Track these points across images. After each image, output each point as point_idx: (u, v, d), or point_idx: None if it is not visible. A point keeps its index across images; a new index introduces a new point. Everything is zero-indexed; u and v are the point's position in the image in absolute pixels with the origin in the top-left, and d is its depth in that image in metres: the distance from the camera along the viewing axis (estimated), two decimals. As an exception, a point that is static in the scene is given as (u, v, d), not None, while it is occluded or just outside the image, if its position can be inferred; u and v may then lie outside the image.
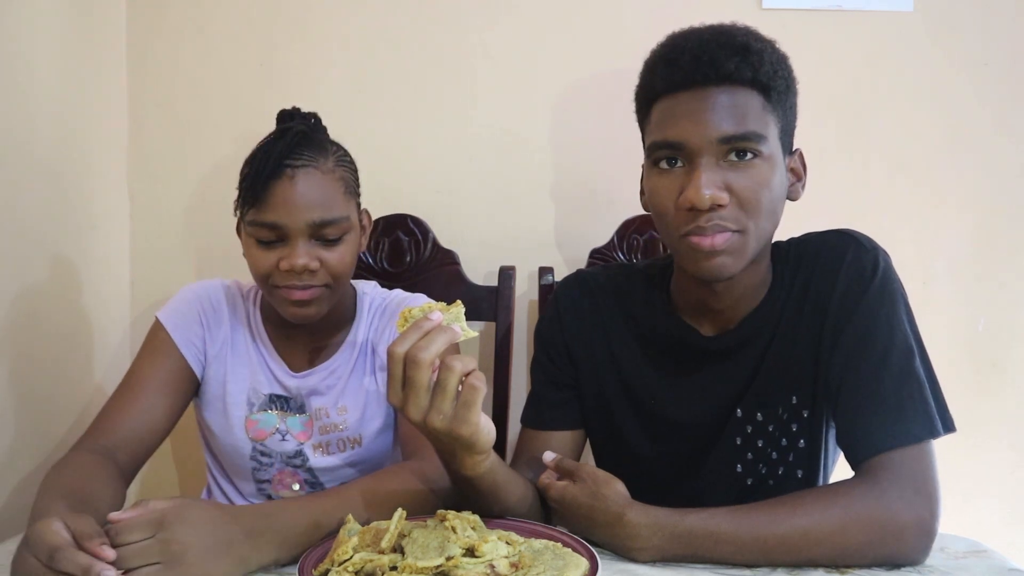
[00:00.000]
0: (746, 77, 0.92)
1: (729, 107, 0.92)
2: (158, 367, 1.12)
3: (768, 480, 1.03)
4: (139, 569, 0.74)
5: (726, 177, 0.92)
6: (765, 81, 0.93)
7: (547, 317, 1.15)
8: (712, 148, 0.92)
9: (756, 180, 0.92)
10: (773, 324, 1.01)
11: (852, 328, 0.95)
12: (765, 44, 0.96)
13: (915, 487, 0.87)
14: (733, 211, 0.92)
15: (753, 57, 0.93)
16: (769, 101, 0.94)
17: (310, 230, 1.05)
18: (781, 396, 1.01)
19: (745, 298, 1.02)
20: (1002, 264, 1.54)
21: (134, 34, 1.52)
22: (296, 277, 1.05)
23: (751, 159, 0.92)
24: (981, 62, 1.51)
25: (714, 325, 1.04)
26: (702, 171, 0.91)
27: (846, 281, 0.97)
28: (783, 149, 0.97)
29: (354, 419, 1.16)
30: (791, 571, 0.85)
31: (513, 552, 0.80)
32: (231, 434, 1.16)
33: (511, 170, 1.54)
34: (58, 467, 0.98)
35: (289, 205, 1.04)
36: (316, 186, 1.06)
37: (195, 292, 1.19)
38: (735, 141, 0.91)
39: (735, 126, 0.91)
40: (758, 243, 0.95)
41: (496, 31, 1.52)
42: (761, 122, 0.93)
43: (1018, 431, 1.56)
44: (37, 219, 1.27)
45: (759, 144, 0.92)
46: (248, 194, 1.06)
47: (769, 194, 0.93)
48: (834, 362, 0.96)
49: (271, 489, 1.19)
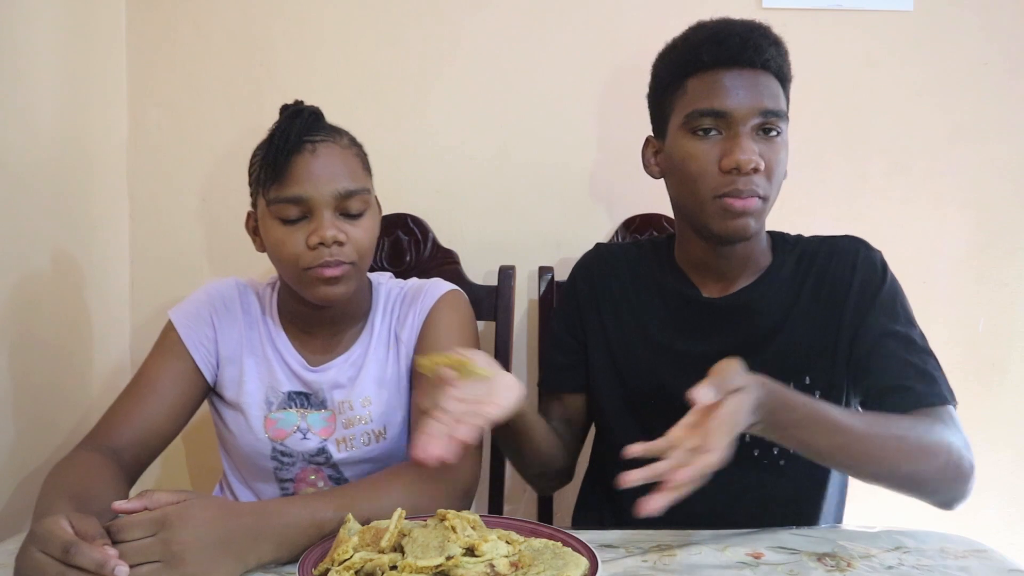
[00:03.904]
0: (775, 66, 1.07)
1: (766, 87, 1.06)
2: (167, 368, 1.12)
3: (773, 449, 1.07)
4: (139, 567, 0.74)
5: (760, 147, 1.04)
6: (785, 73, 1.09)
7: (563, 286, 1.29)
8: (752, 119, 1.04)
9: (779, 154, 1.06)
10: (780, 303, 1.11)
11: (876, 313, 1.07)
12: (782, 42, 1.10)
13: (965, 441, 0.98)
14: (762, 179, 1.04)
15: (782, 50, 1.09)
16: (784, 91, 1.09)
17: (335, 201, 1.05)
18: (793, 374, 1.07)
19: (743, 267, 1.12)
20: (1002, 264, 1.54)
21: (134, 34, 1.52)
22: (326, 252, 1.04)
23: (775, 136, 1.05)
24: (981, 62, 1.51)
25: (715, 289, 1.14)
26: (745, 139, 1.03)
27: (862, 275, 1.09)
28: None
29: (378, 411, 1.15)
30: (818, 559, 0.86)
31: (513, 551, 0.80)
32: (250, 435, 1.14)
33: (511, 170, 1.54)
34: (62, 465, 0.98)
35: (313, 177, 1.04)
36: (337, 158, 1.07)
37: (208, 292, 1.18)
38: (771, 116, 1.04)
39: (773, 103, 1.05)
40: (767, 213, 1.08)
41: (496, 31, 1.52)
42: (785, 105, 1.08)
43: (1018, 431, 1.56)
44: (37, 219, 1.27)
45: (783, 123, 1.06)
46: (269, 171, 1.05)
47: (783, 169, 1.07)
48: (864, 340, 1.06)
49: (294, 488, 1.17)
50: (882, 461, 0.92)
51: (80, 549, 0.72)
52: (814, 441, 0.90)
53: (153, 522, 0.77)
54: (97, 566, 0.71)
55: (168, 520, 0.77)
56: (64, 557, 0.72)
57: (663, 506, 0.74)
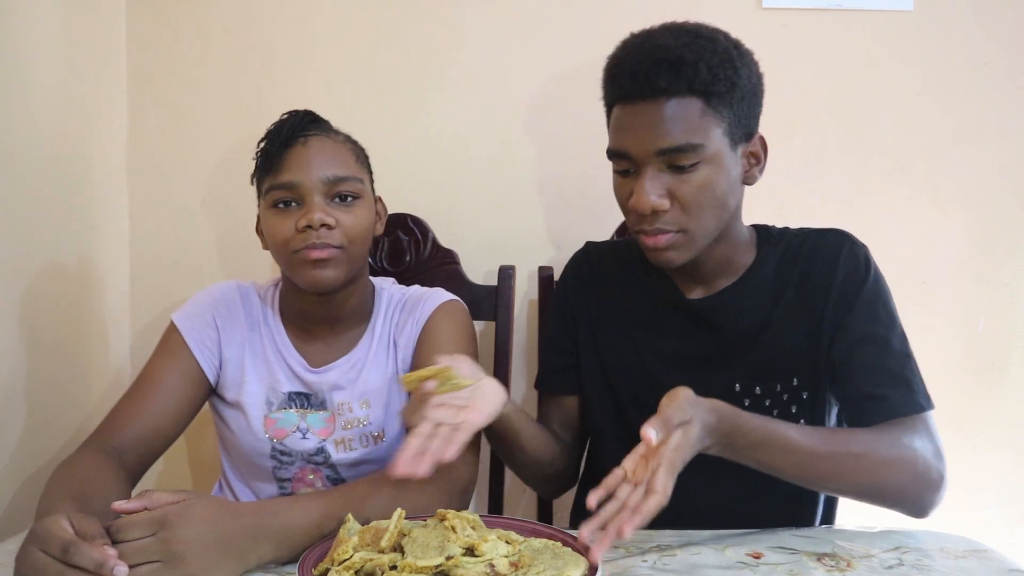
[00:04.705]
0: (681, 89, 0.97)
1: (666, 120, 0.97)
2: (171, 369, 1.13)
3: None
4: (139, 567, 0.74)
5: (669, 183, 0.99)
6: (703, 88, 0.97)
7: (556, 286, 1.28)
8: (652, 159, 0.99)
9: (698, 185, 0.99)
10: (763, 303, 1.08)
11: (855, 314, 1.04)
12: (703, 49, 0.98)
13: (936, 449, 0.98)
14: (675, 215, 1.00)
15: (687, 69, 0.97)
16: (710, 105, 0.98)
17: (324, 187, 1.09)
18: (780, 376, 1.07)
19: (722, 268, 1.10)
20: (1002, 264, 1.54)
21: (134, 34, 1.52)
22: (314, 235, 1.07)
23: (693, 165, 0.98)
24: (981, 62, 1.51)
25: (697, 291, 1.13)
26: (645, 180, 0.99)
27: (844, 273, 1.06)
28: (734, 142, 1.01)
29: (377, 413, 1.16)
30: (818, 559, 0.86)
31: (513, 551, 0.80)
32: (250, 434, 1.16)
33: (511, 170, 1.54)
34: (65, 465, 0.98)
35: (303, 164, 1.09)
36: (328, 148, 1.11)
37: (210, 294, 1.19)
38: (671, 154, 0.98)
39: (671, 139, 0.97)
40: (706, 236, 1.03)
41: (496, 31, 1.52)
42: (699, 130, 0.98)
43: (1018, 431, 1.56)
44: (37, 219, 1.27)
45: (697, 152, 0.98)
46: (264, 162, 1.10)
47: (713, 194, 1.00)
48: (841, 344, 1.04)
49: (292, 488, 1.18)
50: (841, 477, 0.95)
51: (80, 549, 0.72)
52: (771, 461, 0.93)
53: (153, 522, 0.77)
54: (96, 566, 0.71)
55: (168, 520, 0.77)
56: (64, 556, 0.72)
57: (605, 550, 0.80)
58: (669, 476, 0.81)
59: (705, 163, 0.99)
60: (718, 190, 1.00)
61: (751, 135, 1.04)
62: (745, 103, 1.01)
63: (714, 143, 0.99)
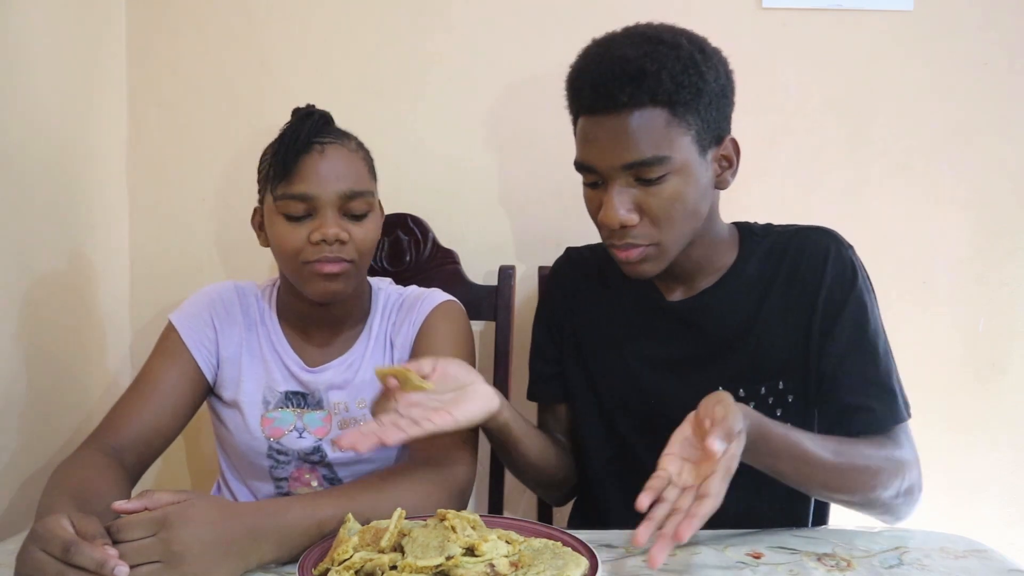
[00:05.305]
0: (644, 100, 0.94)
1: (631, 133, 0.94)
2: (169, 369, 1.13)
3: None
4: (139, 567, 0.74)
5: (637, 197, 0.97)
6: (666, 98, 0.94)
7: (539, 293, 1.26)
8: (618, 173, 0.96)
9: (667, 197, 0.97)
10: (747, 303, 1.07)
11: (843, 321, 1.03)
12: (665, 58, 0.95)
13: (915, 458, 1.01)
14: (645, 228, 0.98)
15: (649, 80, 0.93)
16: (676, 114, 0.95)
17: (339, 201, 1.08)
18: (765, 378, 1.07)
19: (701, 269, 1.09)
20: (1002, 264, 1.54)
21: (134, 34, 1.52)
22: (327, 249, 1.06)
23: (660, 177, 0.96)
24: (981, 62, 1.50)
25: (678, 292, 1.12)
26: (612, 195, 0.97)
27: (832, 277, 1.04)
28: (703, 148, 0.99)
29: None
30: (818, 559, 0.86)
31: (513, 551, 0.80)
32: (247, 433, 1.16)
33: (511, 170, 1.54)
34: (65, 465, 0.99)
35: (320, 177, 1.07)
36: (344, 160, 1.10)
37: (207, 294, 1.20)
38: (637, 167, 0.95)
39: (636, 153, 0.94)
40: (678, 245, 1.02)
41: (497, 31, 1.52)
42: (665, 141, 0.95)
43: (1018, 431, 1.55)
44: (37, 219, 1.27)
45: (664, 164, 0.95)
46: (278, 169, 1.08)
47: (683, 205, 0.98)
48: (829, 352, 1.03)
49: (288, 487, 1.18)
50: (843, 488, 0.96)
51: (80, 548, 0.72)
52: (783, 468, 0.93)
53: (153, 522, 0.77)
54: (97, 566, 0.71)
55: (168, 520, 0.77)
56: (64, 556, 0.72)
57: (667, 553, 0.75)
58: (724, 481, 0.79)
59: (673, 174, 0.96)
60: (688, 200, 0.98)
61: (721, 138, 1.01)
62: (713, 107, 0.98)
63: (681, 153, 0.96)
